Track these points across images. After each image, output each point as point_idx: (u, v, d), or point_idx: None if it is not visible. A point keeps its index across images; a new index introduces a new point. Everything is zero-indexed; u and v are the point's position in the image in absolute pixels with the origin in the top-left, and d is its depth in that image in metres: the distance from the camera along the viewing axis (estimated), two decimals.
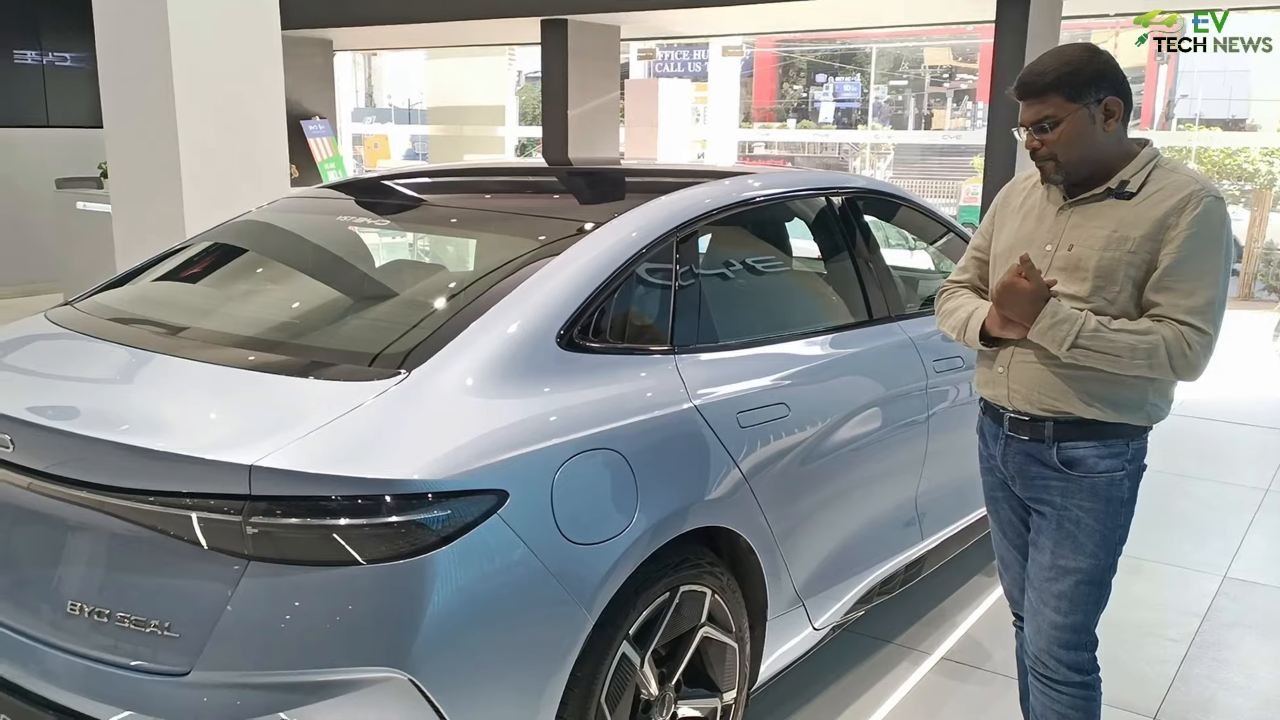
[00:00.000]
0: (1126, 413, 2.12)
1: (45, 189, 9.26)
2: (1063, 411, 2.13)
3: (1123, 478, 2.15)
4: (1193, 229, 2.02)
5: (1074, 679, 2.23)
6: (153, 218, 5.26)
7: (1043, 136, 2.10)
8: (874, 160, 22.86)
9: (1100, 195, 2.12)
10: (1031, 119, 2.11)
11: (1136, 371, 2.04)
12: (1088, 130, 2.08)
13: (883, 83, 29.34)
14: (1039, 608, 2.24)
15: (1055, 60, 2.11)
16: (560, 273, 2.27)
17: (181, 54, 5.06)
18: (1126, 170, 2.11)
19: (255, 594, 1.79)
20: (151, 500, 1.82)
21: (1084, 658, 2.23)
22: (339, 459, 1.79)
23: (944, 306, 2.37)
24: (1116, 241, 2.07)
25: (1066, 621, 2.20)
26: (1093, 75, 2.08)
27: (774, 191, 3.01)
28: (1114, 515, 2.16)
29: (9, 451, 1.97)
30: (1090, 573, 2.17)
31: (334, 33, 11.86)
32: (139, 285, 2.73)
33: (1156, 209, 2.05)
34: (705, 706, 2.43)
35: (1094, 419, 2.12)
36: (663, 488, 2.20)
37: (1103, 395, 2.10)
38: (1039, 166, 2.17)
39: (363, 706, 1.80)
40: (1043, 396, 2.15)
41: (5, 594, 2.05)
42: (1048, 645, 2.23)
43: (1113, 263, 2.07)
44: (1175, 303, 2.03)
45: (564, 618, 1.98)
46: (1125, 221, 2.07)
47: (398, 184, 3.33)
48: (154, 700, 1.82)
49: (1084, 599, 2.19)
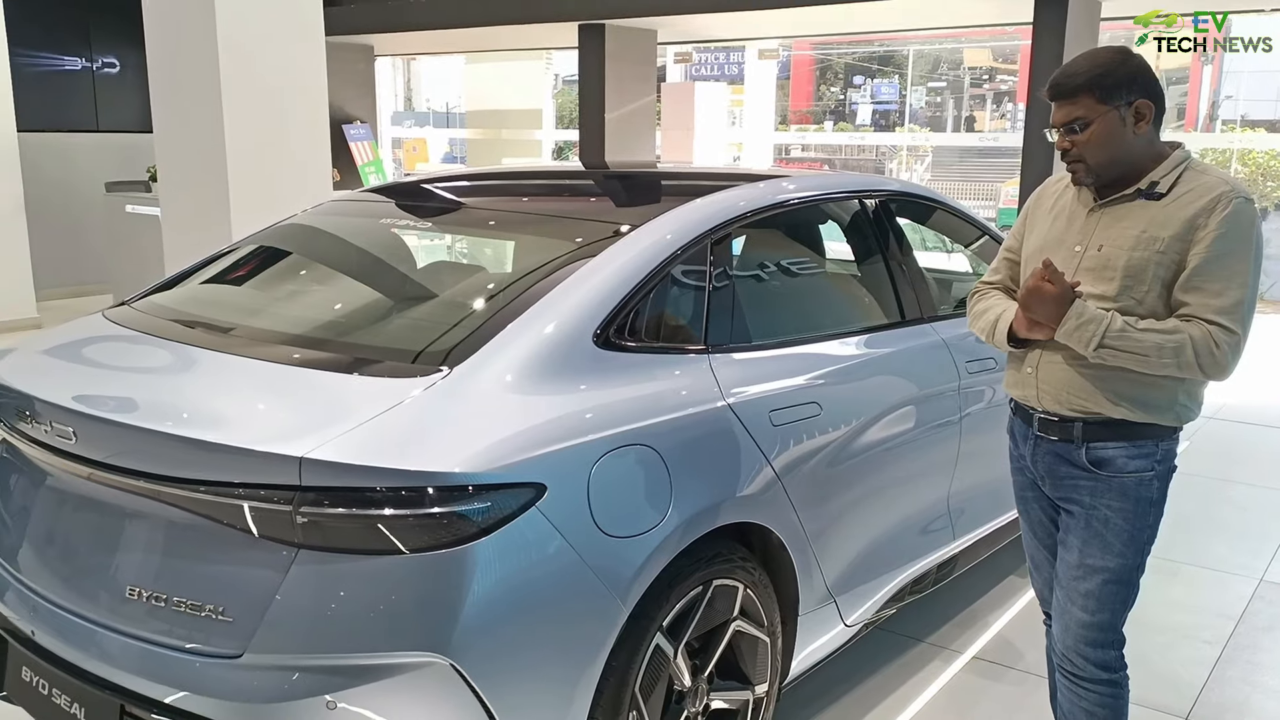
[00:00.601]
0: (1155, 413, 2.14)
1: (95, 192, 9.50)
2: (1091, 412, 2.16)
3: (1152, 478, 2.17)
4: (1222, 229, 2.04)
5: (1101, 676, 2.25)
6: (200, 220, 5.40)
7: (1073, 137, 2.13)
8: (911, 163, 22.75)
9: (1130, 196, 2.15)
10: (1062, 120, 2.14)
11: (1164, 371, 2.06)
12: (1118, 132, 2.11)
13: (921, 84, 29.15)
14: (1067, 606, 2.26)
15: (1087, 62, 2.14)
16: (597, 274, 2.33)
17: (229, 62, 5.19)
18: (1157, 172, 2.14)
19: (304, 581, 1.87)
20: (206, 490, 1.90)
21: (1111, 655, 2.25)
22: (384, 452, 1.87)
23: (975, 308, 2.40)
24: (1146, 242, 2.10)
25: (1094, 620, 2.22)
26: (1124, 78, 2.11)
27: (807, 194, 3.06)
28: (1143, 515, 2.18)
29: (72, 443, 2.06)
30: (1118, 572, 2.20)
31: (375, 39, 12.04)
32: (191, 286, 2.83)
33: (1186, 209, 2.08)
34: (737, 699, 2.47)
35: (1123, 419, 2.14)
36: (696, 484, 2.25)
37: (1131, 395, 2.12)
38: (1069, 168, 2.19)
39: (406, 690, 1.87)
40: (1071, 397, 2.17)
41: (66, 579, 2.15)
42: (1075, 643, 2.26)
43: (1142, 262, 2.09)
44: (1204, 302, 2.05)
45: (599, 608, 2.04)
46: (1155, 221, 2.10)
47: (437, 187, 3.41)
48: (208, 681, 1.90)
49: (1111, 598, 2.21)
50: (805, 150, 23.45)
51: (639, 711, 2.17)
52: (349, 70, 12.19)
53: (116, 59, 10.33)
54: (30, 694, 2.23)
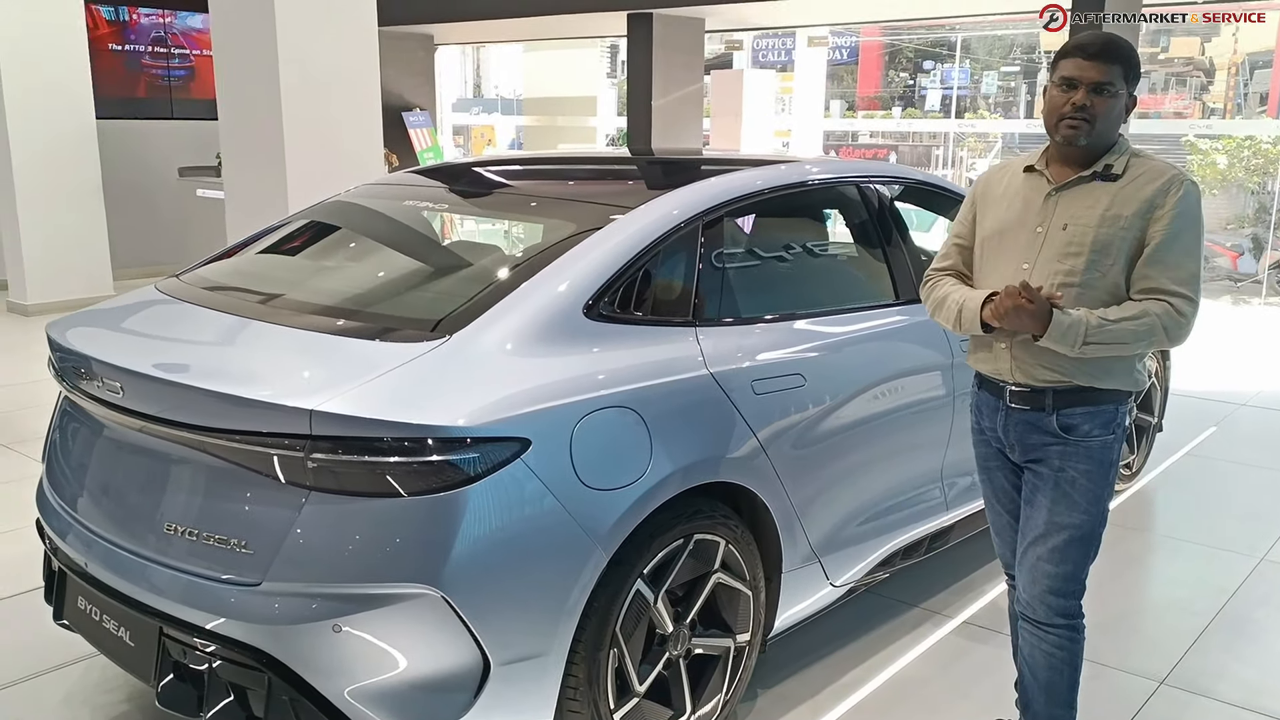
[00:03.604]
0: (1116, 379, 2.33)
1: (170, 177, 10.00)
2: (1062, 381, 2.33)
3: (1113, 441, 2.37)
4: (1178, 209, 2.24)
5: (1060, 621, 2.44)
6: (260, 202, 5.74)
7: (1096, 98, 2.24)
8: (982, 150, 22.47)
9: (1087, 178, 2.33)
10: (1099, 78, 2.23)
11: (1140, 350, 2.28)
12: (1119, 111, 2.30)
13: (994, 69, 28.66)
14: (1034, 561, 2.44)
15: (1122, 41, 2.31)
16: (590, 252, 2.55)
17: (287, 54, 5.51)
18: (1110, 155, 2.32)
19: (314, 519, 2.12)
20: (231, 439, 2.17)
21: (1072, 604, 2.44)
22: (384, 406, 2.10)
23: (932, 295, 2.53)
24: (1110, 219, 2.27)
25: (1059, 571, 2.41)
26: (1138, 68, 2.32)
27: (800, 179, 3.22)
28: (1104, 475, 2.37)
29: (119, 397, 2.34)
30: (1083, 527, 2.38)
31: (435, 28, 12.36)
32: (234, 260, 3.11)
33: (1144, 190, 2.26)
34: (719, 645, 2.68)
35: (1089, 385, 2.32)
36: (675, 445, 2.45)
37: (1098, 362, 2.30)
38: (1072, 122, 2.24)
39: (401, 617, 2.11)
40: (1043, 370, 2.34)
41: (115, 518, 2.44)
42: (1041, 593, 2.44)
43: (1107, 238, 2.27)
44: (1167, 275, 2.24)
45: (580, 552, 2.26)
46: (1117, 200, 2.28)
47: (466, 171, 3.66)
48: (232, 606, 2.17)
49: (1076, 551, 2.40)
50: (872, 137, 23.29)
51: (620, 649, 2.39)
52: (409, 59, 12.55)
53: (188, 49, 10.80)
54: (85, 620, 2.54)
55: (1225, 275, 13.56)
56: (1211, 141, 15.13)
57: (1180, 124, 17.34)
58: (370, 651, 2.11)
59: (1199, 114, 22.62)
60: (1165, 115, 21.66)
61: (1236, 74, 23.92)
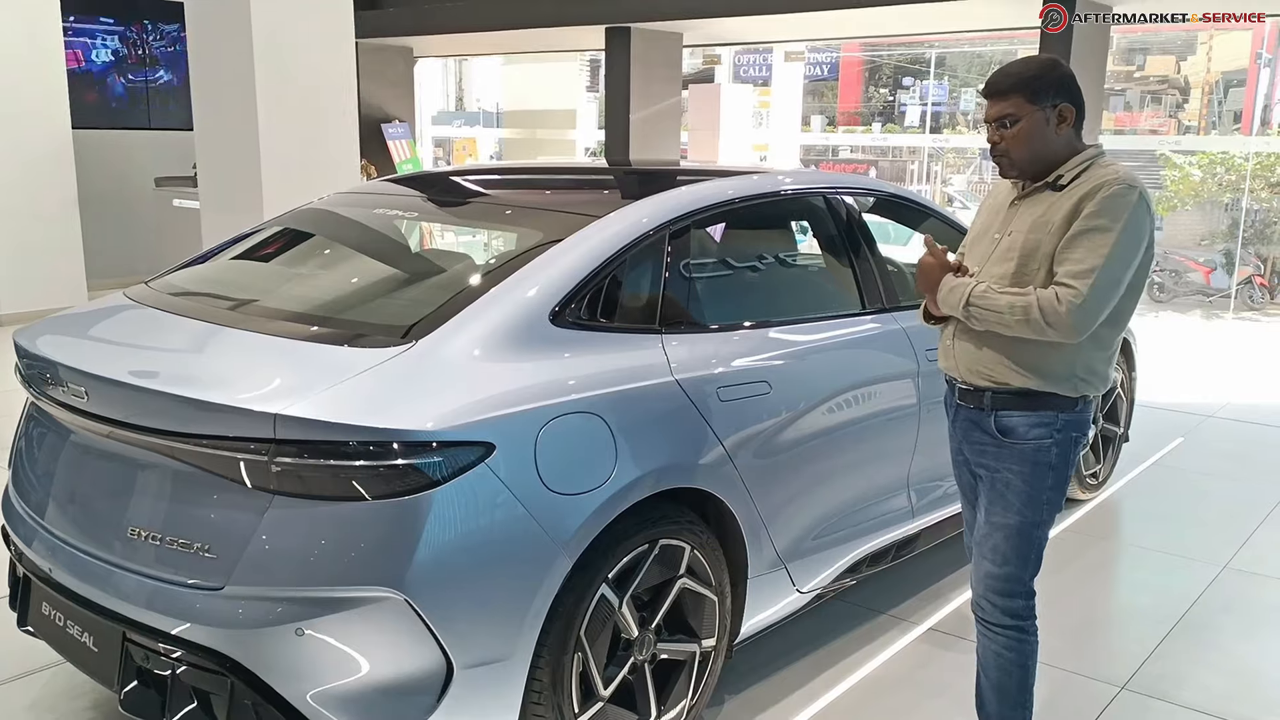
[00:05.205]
0: (1054, 382, 2.36)
1: (146, 187, 9.96)
2: (999, 382, 2.38)
3: (1050, 445, 2.39)
4: (1096, 207, 2.26)
5: (1007, 622, 2.48)
6: (235, 213, 5.74)
7: (1002, 132, 2.37)
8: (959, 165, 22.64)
9: (1040, 189, 2.39)
10: (995, 115, 2.39)
11: (1021, 331, 2.28)
12: (1041, 130, 2.34)
13: (972, 86, 28.93)
14: (978, 558, 2.52)
15: (1020, 66, 2.39)
16: (557, 259, 2.57)
17: (264, 63, 5.52)
18: (1064, 167, 2.37)
19: (278, 523, 2.13)
20: (196, 443, 2.18)
21: (1018, 605, 2.48)
22: (349, 411, 2.12)
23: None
24: (1041, 225, 2.33)
25: (1000, 571, 2.46)
26: (1052, 82, 2.35)
27: (769, 189, 3.27)
28: (1040, 478, 2.40)
29: (84, 402, 2.35)
30: (1018, 528, 2.42)
31: (414, 41, 12.39)
32: (204, 267, 3.12)
33: (1075, 195, 2.31)
34: (684, 650, 2.69)
35: (1025, 388, 2.36)
36: (639, 450, 2.47)
37: (1031, 364, 2.34)
38: (996, 161, 2.43)
39: (365, 620, 2.12)
40: (980, 367, 2.40)
41: (79, 523, 2.44)
42: (985, 591, 2.50)
43: (1035, 243, 2.33)
44: (1065, 269, 2.26)
45: (544, 556, 2.27)
46: (1052, 207, 2.34)
47: (439, 180, 3.68)
48: (195, 610, 2.17)
49: (1013, 552, 2.44)
50: (853, 152, 23.44)
51: (584, 654, 2.41)
52: (389, 71, 12.56)
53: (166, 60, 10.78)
54: (48, 626, 2.53)
55: (1198, 290, 13.73)
56: (1186, 156, 15.33)
57: (1153, 140, 17.54)
58: (333, 655, 2.12)
59: (1174, 131, 22.91)
60: (1140, 132, 21.91)
61: (1211, 92, 24.26)
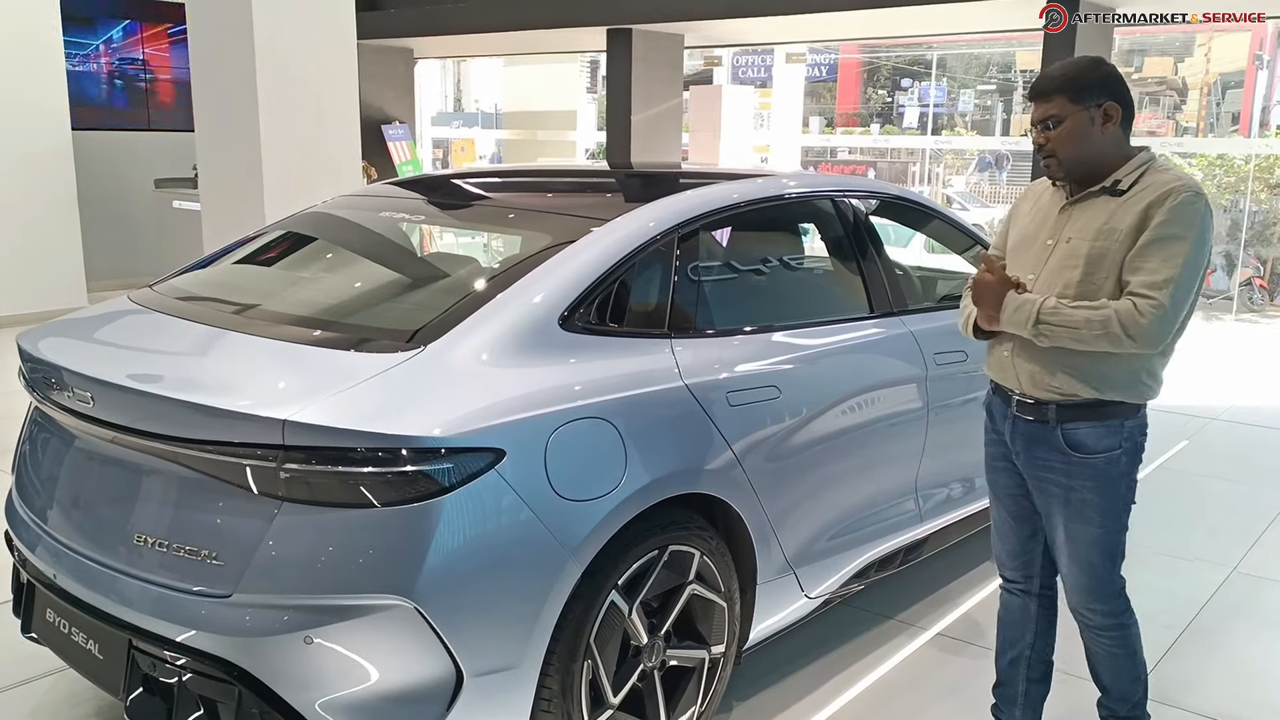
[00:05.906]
0: (1120, 390, 2.34)
1: (146, 188, 9.94)
2: (1066, 394, 2.35)
3: (1120, 454, 2.38)
4: (1167, 216, 2.24)
5: (1108, 623, 2.52)
6: (237, 215, 5.72)
7: (1047, 134, 2.35)
8: (959, 166, 22.67)
9: (1096, 193, 2.36)
10: (1039, 117, 2.37)
11: (1098, 345, 2.25)
12: (1087, 130, 2.33)
13: (970, 87, 28.94)
14: (1066, 571, 2.52)
15: (1062, 67, 2.38)
16: (566, 263, 2.55)
17: (265, 65, 5.50)
18: (1120, 170, 2.35)
19: (286, 530, 2.11)
20: (203, 449, 2.15)
21: (1113, 604, 2.50)
22: (358, 417, 2.10)
23: (962, 304, 2.62)
24: (1106, 233, 2.30)
25: (1090, 581, 2.47)
26: (1095, 81, 2.33)
27: (775, 192, 3.25)
28: (1115, 488, 2.40)
29: (90, 407, 2.33)
30: (1101, 539, 2.43)
31: (414, 42, 12.37)
32: (208, 270, 3.10)
33: (1141, 203, 2.28)
34: (694, 657, 2.67)
35: (1091, 399, 2.34)
36: (650, 456, 2.45)
37: (1098, 374, 2.32)
38: (1044, 162, 2.40)
39: (374, 628, 2.10)
40: (1044, 379, 2.37)
41: (84, 529, 2.42)
42: (1081, 601, 2.52)
43: (1101, 251, 2.30)
44: (1140, 279, 2.25)
45: (554, 563, 2.25)
46: (1115, 215, 2.31)
47: (443, 183, 3.66)
48: (202, 618, 2.15)
49: (1100, 560, 2.45)
50: (852, 153, 23.47)
51: (594, 661, 2.39)
52: (389, 72, 12.54)
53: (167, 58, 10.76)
54: (54, 633, 2.51)
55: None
56: (1184, 159, 15.33)
57: (1151, 141, 17.57)
58: (342, 663, 2.10)
59: (1172, 133, 22.92)
60: (1139, 134, 21.94)
61: (1209, 94, 24.27)
